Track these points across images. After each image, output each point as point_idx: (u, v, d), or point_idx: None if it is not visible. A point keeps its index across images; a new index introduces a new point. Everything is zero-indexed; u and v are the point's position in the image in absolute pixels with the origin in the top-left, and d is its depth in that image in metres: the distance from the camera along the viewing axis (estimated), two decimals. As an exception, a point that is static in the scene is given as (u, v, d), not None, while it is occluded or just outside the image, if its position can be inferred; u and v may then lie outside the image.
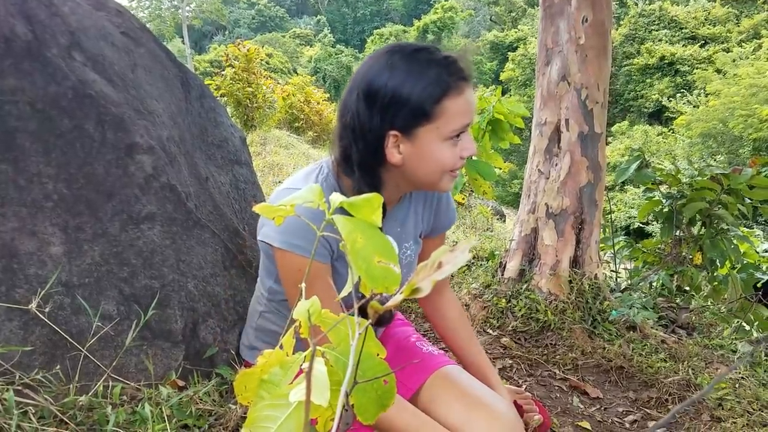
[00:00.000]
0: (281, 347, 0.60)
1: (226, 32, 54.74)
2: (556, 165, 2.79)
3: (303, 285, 0.58)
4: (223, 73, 9.45)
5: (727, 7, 29.57)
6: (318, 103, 12.34)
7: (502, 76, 33.55)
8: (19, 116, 1.29)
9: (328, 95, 13.86)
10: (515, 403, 1.32)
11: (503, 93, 3.46)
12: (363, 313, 0.51)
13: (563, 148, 2.77)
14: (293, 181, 1.17)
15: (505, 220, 8.88)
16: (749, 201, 3.25)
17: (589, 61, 2.72)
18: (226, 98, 9.24)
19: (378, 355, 0.61)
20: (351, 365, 0.51)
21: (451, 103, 1.05)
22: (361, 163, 1.11)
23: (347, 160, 1.13)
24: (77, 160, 1.34)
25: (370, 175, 1.12)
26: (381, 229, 0.54)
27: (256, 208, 0.59)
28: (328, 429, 0.58)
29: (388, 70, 1.06)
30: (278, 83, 12.69)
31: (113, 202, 1.38)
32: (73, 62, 1.41)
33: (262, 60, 10.36)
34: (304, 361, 0.58)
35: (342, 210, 0.53)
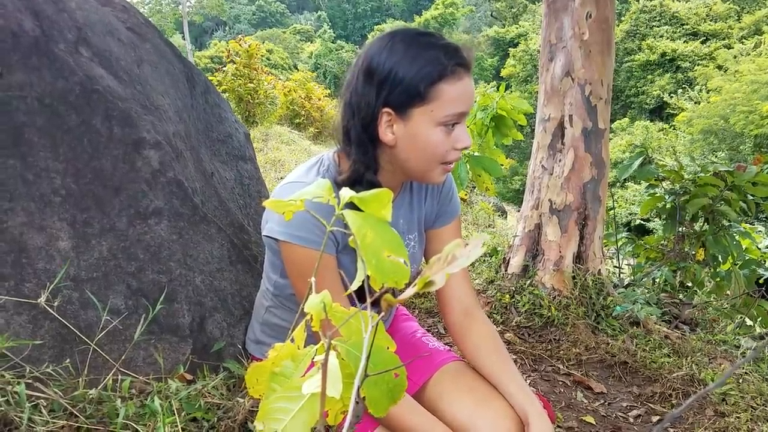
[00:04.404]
0: (292, 341, 0.60)
1: (227, 28, 54.64)
2: (560, 161, 2.79)
3: (313, 279, 0.58)
4: (224, 69, 9.44)
5: (728, 3, 29.49)
6: (319, 99, 12.33)
7: (503, 73, 33.50)
8: (27, 111, 1.29)
9: (328, 91, 13.84)
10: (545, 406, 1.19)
11: (504, 89, 3.46)
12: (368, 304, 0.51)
13: (567, 144, 2.77)
14: (296, 175, 1.17)
15: (506, 217, 8.89)
16: (752, 197, 3.25)
17: (593, 57, 2.72)
18: (227, 94, 9.23)
19: (388, 348, 0.61)
20: (364, 358, 0.51)
21: (448, 87, 1.05)
22: (357, 141, 1.11)
23: (348, 140, 1.13)
24: (85, 155, 1.35)
25: (365, 154, 1.12)
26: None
27: (266, 203, 0.59)
28: (339, 421, 0.59)
29: (388, 49, 1.07)
30: (279, 79, 12.68)
31: (121, 197, 1.38)
32: (81, 57, 1.41)
33: (262, 56, 10.35)
34: (315, 354, 0.58)
35: (351, 204, 0.53)
